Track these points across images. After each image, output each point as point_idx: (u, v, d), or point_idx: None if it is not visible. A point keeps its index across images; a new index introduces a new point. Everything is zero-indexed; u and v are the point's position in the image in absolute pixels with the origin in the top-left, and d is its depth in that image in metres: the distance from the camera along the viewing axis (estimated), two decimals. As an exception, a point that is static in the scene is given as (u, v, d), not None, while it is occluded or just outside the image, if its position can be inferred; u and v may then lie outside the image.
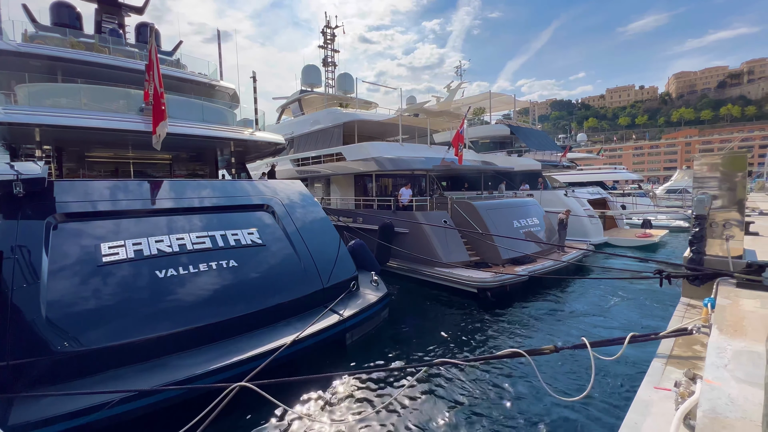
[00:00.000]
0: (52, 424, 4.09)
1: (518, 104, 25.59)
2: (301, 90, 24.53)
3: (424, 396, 5.81)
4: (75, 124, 8.32)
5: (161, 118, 7.98)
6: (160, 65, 8.18)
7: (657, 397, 2.68)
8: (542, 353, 3.31)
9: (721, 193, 4.81)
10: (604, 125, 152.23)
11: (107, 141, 10.49)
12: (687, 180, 35.87)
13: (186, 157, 14.27)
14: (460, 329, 8.56)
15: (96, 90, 10.19)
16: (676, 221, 24.69)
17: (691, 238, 4.96)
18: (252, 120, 13.20)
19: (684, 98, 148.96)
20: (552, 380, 6.17)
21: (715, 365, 2.39)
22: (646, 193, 31.12)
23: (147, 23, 15.83)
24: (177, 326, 5.63)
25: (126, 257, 6.13)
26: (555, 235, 14.84)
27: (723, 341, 2.73)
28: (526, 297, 10.59)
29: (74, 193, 6.91)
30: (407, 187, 14.92)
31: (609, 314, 9.46)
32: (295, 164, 20.38)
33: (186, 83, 12.72)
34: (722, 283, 4.19)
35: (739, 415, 1.90)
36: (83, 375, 4.84)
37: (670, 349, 3.41)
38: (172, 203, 7.75)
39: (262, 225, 8.24)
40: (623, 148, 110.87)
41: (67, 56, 10.68)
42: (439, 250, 12.02)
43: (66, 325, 5.04)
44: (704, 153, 5.74)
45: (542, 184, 21.54)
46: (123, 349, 5.15)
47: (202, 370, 5.06)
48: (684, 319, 4.10)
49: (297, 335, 6.06)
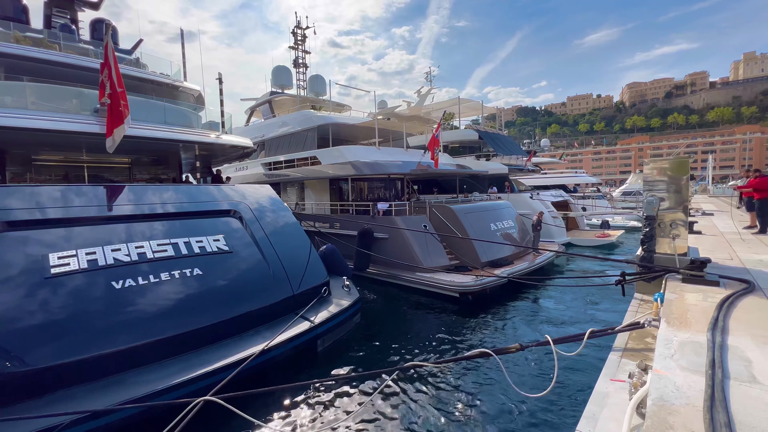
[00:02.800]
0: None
1: (486, 110, 26.45)
2: (271, 91, 23.94)
3: (397, 399, 5.82)
4: (20, 125, 7.70)
5: (119, 121, 7.54)
6: (118, 64, 7.75)
7: (613, 388, 2.83)
8: (509, 352, 3.41)
9: (668, 195, 5.19)
10: (565, 131, 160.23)
11: (57, 143, 9.78)
12: (640, 183, 38.38)
13: (147, 161, 13.57)
14: (440, 333, 8.61)
15: (45, 89, 9.46)
16: (631, 222, 26.32)
17: (642, 237, 5.32)
18: (218, 123, 12.79)
19: (636, 107, 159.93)
20: (520, 377, 6.38)
21: (663, 356, 2.56)
22: (604, 195, 33.01)
23: (103, 20, 14.97)
24: (135, 340, 5.31)
25: (78, 268, 5.72)
26: (528, 236, 15.33)
27: (670, 333, 2.93)
28: (504, 298, 10.82)
29: (19, 199, 6.37)
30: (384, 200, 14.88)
31: (580, 312, 9.90)
32: (266, 168, 19.86)
33: (146, 83, 12.11)
34: (670, 279, 4.51)
35: (684, 402, 2.04)
36: (30, 396, 4.45)
37: (625, 342, 3.62)
38: (131, 209, 7.33)
39: (229, 231, 7.97)
40: (583, 153, 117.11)
41: (10, 51, 9.88)
42: (419, 255, 12.00)
43: (8, 343, 4.61)
44: (654, 158, 6.19)
45: (509, 187, 22.33)
46: (74, 366, 4.78)
47: (164, 385, 4.79)
48: (637, 313, 4.37)
49: (266, 344, 5.89)
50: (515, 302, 10.64)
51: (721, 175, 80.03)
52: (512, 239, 14.36)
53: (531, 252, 13.98)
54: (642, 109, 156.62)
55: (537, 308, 10.33)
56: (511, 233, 14.67)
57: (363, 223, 12.88)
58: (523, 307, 10.28)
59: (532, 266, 12.58)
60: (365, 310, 10.29)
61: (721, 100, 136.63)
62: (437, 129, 14.95)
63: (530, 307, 10.38)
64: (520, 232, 15.27)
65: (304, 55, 25.70)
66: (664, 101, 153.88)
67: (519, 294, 11.31)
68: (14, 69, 9.92)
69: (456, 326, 9.00)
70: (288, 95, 23.36)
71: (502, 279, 10.66)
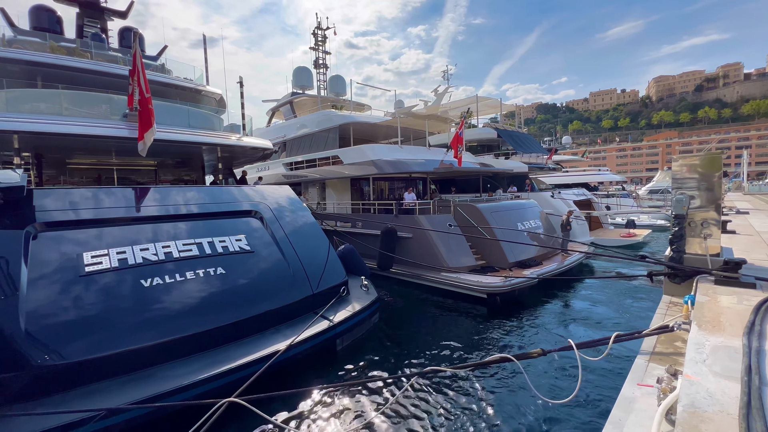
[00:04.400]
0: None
1: (504, 108, 26.00)
2: (292, 92, 24.11)
3: (416, 404, 5.76)
4: (55, 130, 8.13)
5: (149, 125, 7.84)
6: (145, 70, 8.06)
7: (640, 393, 2.74)
8: (530, 357, 3.35)
9: (699, 193, 4.97)
10: (588, 128, 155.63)
11: (89, 147, 10.26)
12: (668, 180, 36.90)
13: (171, 163, 14.05)
14: (465, 335, 8.45)
15: (77, 95, 9.96)
16: (658, 221, 25.33)
17: (671, 237, 5.11)
18: (239, 125, 13.10)
19: (664, 101, 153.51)
20: (543, 383, 6.22)
21: (695, 361, 2.46)
22: (629, 193, 31.89)
23: (130, 28, 15.58)
24: (163, 336, 5.52)
25: (110, 266, 5.99)
26: (555, 235, 14.90)
27: (702, 337, 2.81)
28: (532, 300, 10.52)
29: (55, 201, 6.73)
30: (409, 191, 14.73)
31: (612, 314, 9.57)
32: (288, 168, 20.01)
33: (171, 88, 12.55)
34: (701, 281, 4.32)
35: (717, 408, 1.96)
36: (65, 389, 4.70)
37: (653, 346, 3.49)
38: (158, 210, 7.61)
39: (251, 231, 8.15)
40: (607, 150, 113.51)
41: (47, 61, 10.44)
42: (444, 255, 11.77)
43: (46, 338, 4.89)
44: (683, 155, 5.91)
45: (529, 186, 21.88)
46: (107, 361, 5.02)
47: (190, 380, 4.96)
48: (666, 316, 4.20)
49: (291, 341, 6.00)
50: (544, 304, 10.33)
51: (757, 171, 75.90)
52: (539, 239, 13.96)
53: (559, 252, 13.59)
54: (670, 103, 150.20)
55: (567, 310, 10.03)
56: (537, 233, 14.27)
57: (386, 223, 12.79)
58: (551, 310, 10.00)
59: (561, 267, 12.17)
60: (387, 311, 10.30)
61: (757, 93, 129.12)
62: (460, 126, 14.56)
63: (559, 309, 10.08)
64: (546, 231, 14.83)
65: (324, 56, 25.80)
66: (694, 95, 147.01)
67: (548, 296, 10.98)
68: (50, 77, 10.48)
69: (482, 328, 8.80)
70: (309, 96, 23.48)
71: (532, 280, 10.33)
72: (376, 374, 6.78)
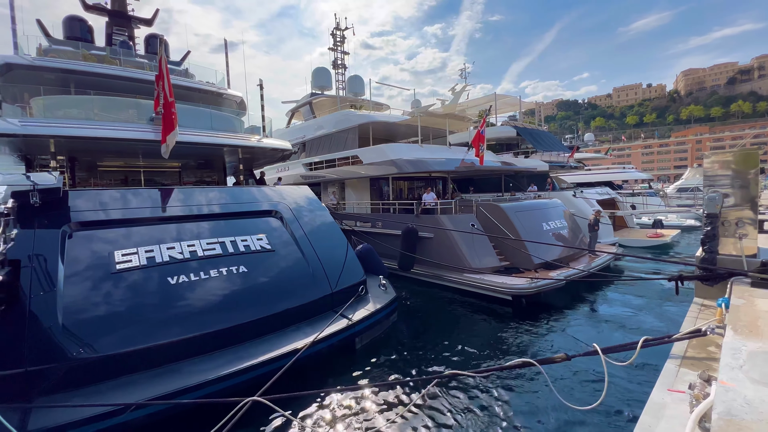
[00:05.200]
0: (68, 430, 4.17)
1: (524, 105, 25.48)
2: (311, 93, 24.20)
3: (436, 408, 5.69)
4: (89, 134, 8.52)
5: (171, 128, 8.11)
6: (170, 75, 8.34)
7: (671, 399, 2.65)
8: (554, 362, 3.27)
9: (733, 191, 4.74)
10: (611, 124, 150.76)
11: (119, 150, 10.71)
12: (698, 178, 35.29)
13: (194, 165, 14.48)
14: (487, 337, 8.27)
15: (107, 101, 10.43)
16: (688, 220, 24.29)
17: (703, 237, 4.90)
18: (259, 127, 13.37)
19: (693, 95, 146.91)
20: (568, 389, 6.05)
21: (730, 366, 2.36)
22: (656, 192, 30.69)
23: (156, 35, 16.17)
24: (189, 332, 5.71)
25: (139, 264, 6.24)
26: (580, 236, 14.53)
27: (738, 342, 2.68)
28: (558, 302, 10.21)
29: (88, 201, 7.07)
30: (427, 191, 14.59)
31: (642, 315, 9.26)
32: (307, 168, 20.11)
33: (194, 92, 12.94)
34: (736, 283, 4.12)
35: (755, 417, 1.87)
36: (98, 380, 4.93)
37: (684, 350, 3.36)
38: (183, 210, 7.88)
39: (271, 230, 8.32)
40: (632, 147, 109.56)
41: (80, 69, 10.95)
42: (467, 256, 11.57)
43: (81, 332, 5.14)
44: (715, 151, 5.63)
45: (550, 185, 21.38)
46: (137, 354, 5.23)
47: (215, 375, 5.12)
48: (697, 320, 4.04)
49: (313, 338, 6.10)
50: (569, 306, 9.99)
51: (797, 167, 71.59)
52: (564, 239, 13.54)
53: (586, 253, 13.13)
54: (700, 97, 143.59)
55: (594, 313, 9.72)
56: (562, 233, 13.81)
57: (407, 223, 12.67)
58: (578, 312, 9.69)
59: (589, 269, 11.75)
60: (408, 311, 10.25)
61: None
62: (482, 125, 14.20)
63: (586, 311, 9.77)
64: (571, 232, 14.36)
65: (342, 56, 25.84)
66: (727, 88, 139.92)
67: (573, 297, 10.63)
68: (82, 84, 11.00)
69: (505, 330, 8.58)
70: (328, 96, 23.55)
71: (559, 281, 9.99)
72: (395, 377, 6.73)
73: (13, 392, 4.45)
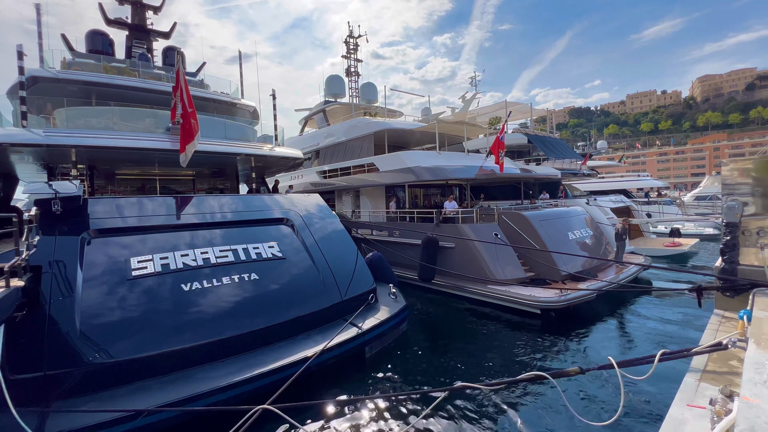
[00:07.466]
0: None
1: (535, 113, 25.34)
2: (325, 101, 24.25)
3: (447, 420, 5.59)
4: (109, 144, 8.80)
5: (190, 138, 8.28)
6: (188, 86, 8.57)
7: (690, 415, 2.56)
8: (567, 375, 3.19)
9: (753, 200, 4.61)
10: (625, 131, 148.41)
11: (136, 159, 11.00)
12: (717, 186, 34.34)
13: (208, 173, 14.77)
14: (511, 352, 8.00)
15: (126, 111, 10.78)
16: (706, 229, 23.62)
17: (722, 247, 4.76)
18: (272, 136, 13.60)
19: (710, 102, 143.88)
20: (583, 403, 5.87)
21: (753, 381, 2.27)
22: (673, 200, 29.97)
23: (173, 47, 16.70)
24: (201, 339, 5.77)
25: (153, 271, 6.36)
26: (604, 244, 14.15)
27: (762, 356, 2.59)
28: (587, 315, 9.86)
29: (106, 209, 7.26)
30: (449, 200, 14.31)
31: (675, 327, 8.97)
32: (321, 176, 19.97)
33: (209, 102, 13.28)
34: (758, 294, 3.98)
35: (781, 435, 1.80)
36: (112, 386, 5.00)
37: (704, 364, 3.25)
38: (196, 218, 8.02)
39: (282, 238, 8.40)
40: (647, 155, 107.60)
41: (100, 81, 11.36)
42: (491, 267, 11.15)
43: (98, 337, 5.25)
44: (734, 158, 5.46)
45: (563, 192, 21.11)
46: (150, 360, 5.31)
47: (226, 382, 5.15)
48: (718, 332, 3.91)
49: (323, 346, 6.10)
50: (597, 319, 9.60)
51: (821, 175, 69.00)
52: (589, 248, 13.08)
53: (613, 264, 12.65)
54: (717, 104, 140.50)
55: (622, 325, 9.38)
56: (587, 242, 13.31)
57: (427, 232, 12.27)
58: (606, 325, 9.35)
59: (618, 280, 11.27)
60: (428, 323, 10.08)
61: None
62: (501, 131, 13.84)
63: (614, 324, 9.43)
64: (595, 240, 13.86)
65: (356, 63, 26.00)
66: (745, 94, 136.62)
67: (601, 310, 10.22)
68: (103, 95, 11.40)
69: (530, 344, 8.25)
70: (341, 104, 23.58)
71: (590, 294, 9.60)
72: (406, 388, 6.64)
73: (32, 396, 4.55)
